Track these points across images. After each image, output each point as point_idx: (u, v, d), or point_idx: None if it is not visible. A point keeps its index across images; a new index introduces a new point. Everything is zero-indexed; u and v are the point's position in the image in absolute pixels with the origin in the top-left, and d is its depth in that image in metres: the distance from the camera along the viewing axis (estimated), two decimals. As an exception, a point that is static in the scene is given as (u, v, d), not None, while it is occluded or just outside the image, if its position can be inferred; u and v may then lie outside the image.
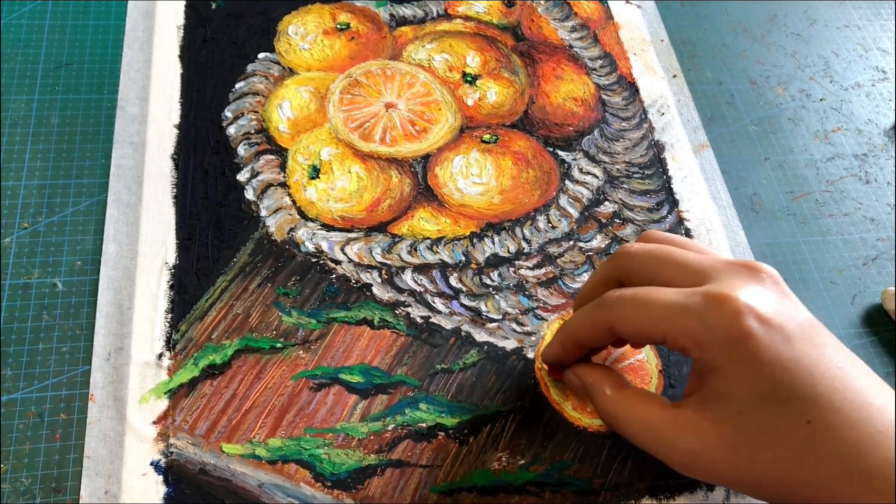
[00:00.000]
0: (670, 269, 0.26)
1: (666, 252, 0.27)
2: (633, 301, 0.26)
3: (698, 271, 0.25)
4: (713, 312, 0.23)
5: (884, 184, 0.43)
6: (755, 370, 0.23)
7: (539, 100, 0.43)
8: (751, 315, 0.23)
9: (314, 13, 0.44)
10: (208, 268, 0.35)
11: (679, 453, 0.25)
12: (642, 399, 0.27)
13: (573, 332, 0.29)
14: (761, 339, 0.23)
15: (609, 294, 0.27)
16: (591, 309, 0.28)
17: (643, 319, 0.25)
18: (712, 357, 0.23)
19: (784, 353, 0.23)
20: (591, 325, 0.27)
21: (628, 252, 0.28)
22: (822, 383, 0.22)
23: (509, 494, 0.30)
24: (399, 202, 0.38)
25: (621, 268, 0.28)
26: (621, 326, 0.26)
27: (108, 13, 0.43)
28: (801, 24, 0.50)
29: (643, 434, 0.26)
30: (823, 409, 0.22)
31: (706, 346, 0.23)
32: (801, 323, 0.24)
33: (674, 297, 0.25)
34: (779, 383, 0.22)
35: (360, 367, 0.33)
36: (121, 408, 0.31)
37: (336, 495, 0.30)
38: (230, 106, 0.40)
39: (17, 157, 0.37)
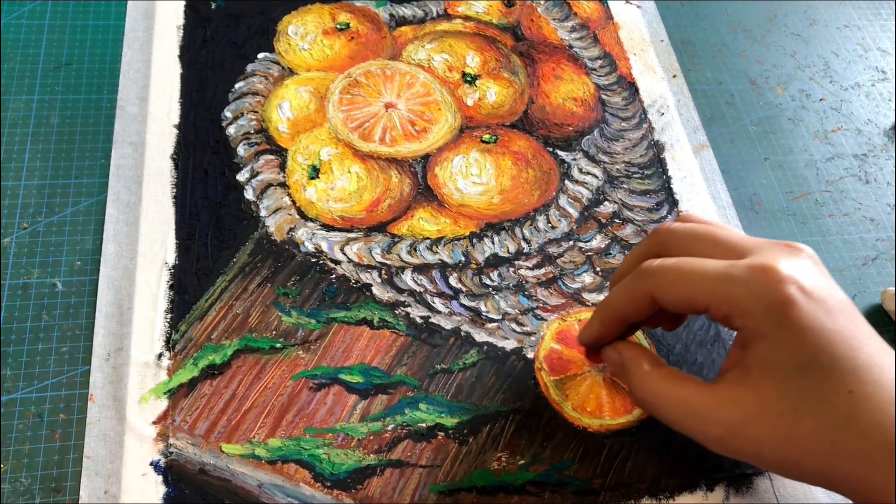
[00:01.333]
0: (710, 246, 0.27)
1: (705, 229, 0.27)
2: (676, 269, 0.26)
3: (738, 247, 0.26)
4: (758, 280, 0.24)
5: (883, 184, 0.43)
6: (799, 337, 0.23)
7: (539, 100, 0.43)
8: (794, 285, 0.23)
9: (314, 13, 0.44)
10: (208, 268, 0.35)
11: (718, 426, 0.24)
12: (680, 376, 0.27)
13: (613, 306, 0.29)
14: (805, 308, 0.23)
15: (648, 263, 0.27)
16: (630, 280, 0.28)
17: (686, 287, 0.25)
18: (756, 325, 0.24)
19: (826, 324, 0.23)
20: (632, 296, 0.27)
21: (668, 229, 0.28)
22: (861, 356, 0.23)
23: (509, 494, 0.30)
24: (399, 202, 0.38)
25: (661, 243, 0.28)
26: (663, 294, 0.26)
27: (108, 13, 0.43)
28: (801, 24, 0.50)
29: (680, 409, 0.26)
30: (863, 381, 0.22)
31: (751, 314, 0.24)
32: (840, 300, 0.24)
33: (717, 266, 0.25)
34: (822, 351, 0.23)
35: (360, 367, 0.33)
36: (120, 408, 0.31)
37: (336, 495, 0.30)
38: (230, 106, 0.40)
39: (17, 157, 0.37)
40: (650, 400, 0.27)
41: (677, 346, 0.35)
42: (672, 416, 0.26)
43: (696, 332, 0.35)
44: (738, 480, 0.32)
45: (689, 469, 0.32)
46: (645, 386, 0.27)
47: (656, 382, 0.27)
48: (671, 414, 0.26)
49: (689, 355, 0.35)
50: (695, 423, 0.25)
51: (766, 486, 0.32)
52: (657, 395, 0.27)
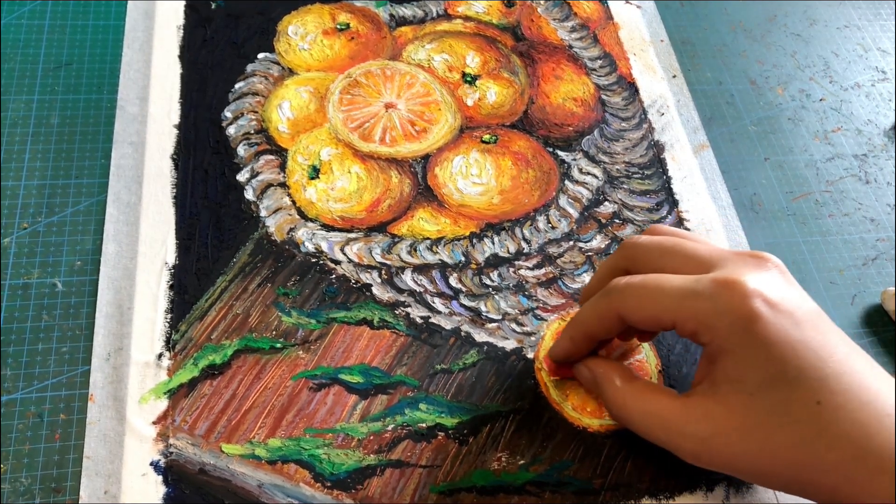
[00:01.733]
0: (677, 259, 0.27)
1: (672, 242, 0.27)
2: (642, 287, 0.26)
3: (705, 261, 0.26)
4: (722, 296, 0.24)
5: (884, 184, 0.43)
6: (765, 352, 0.23)
7: (539, 100, 0.43)
8: (759, 298, 0.23)
9: (314, 13, 0.44)
10: (208, 268, 0.35)
11: (690, 440, 0.25)
12: (651, 390, 0.27)
13: (582, 324, 0.29)
14: (770, 321, 0.23)
15: (616, 282, 0.27)
16: (598, 299, 0.28)
17: (652, 305, 0.25)
18: (722, 340, 0.24)
19: (793, 336, 0.23)
20: (600, 314, 0.27)
21: (635, 243, 0.28)
22: (829, 366, 0.23)
23: (509, 494, 0.30)
24: (399, 202, 0.38)
25: (628, 258, 0.28)
26: (630, 313, 0.26)
27: (108, 13, 0.43)
28: (801, 24, 0.50)
29: (653, 424, 0.26)
30: (832, 391, 0.22)
31: (716, 330, 0.24)
32: (808, 311, 0.24)
33: (682, 282, 0.25)
34: (788, 364, 0.23)
35: (360, 368, 0.33)
36: (120, 408, 0.31)
37: (336, 495, 0.30)
38: (230, 106, 0.40)
39: (17, 157, 0.37)
40: (623, 415, 0.28)
41: (677, 345, 0.35)
42: (646, 430, 0.27)
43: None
44: (738, 480, 0.32)
45: (689, 469, 0.32)
46: (617, 401, 0.28)
47: (629, 397, 0.27)
48: (645, 428, 0.27)
49: (689, 355, 0.35)
50: (668, 437, 0.26)
51: (766, 486, 0.32)
52: (630, 410, 0.27)
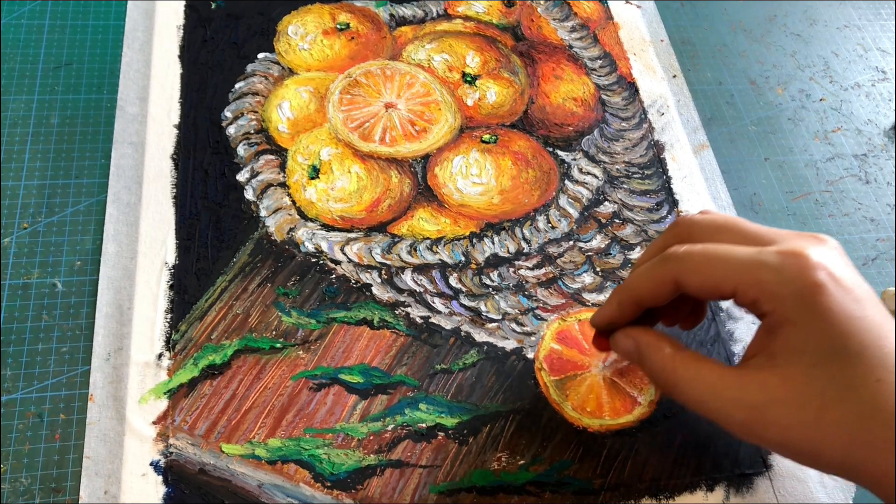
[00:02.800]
0: (734, 236, 0.26)
1: (728, 220, 0.27)
2: (704, 254, 0.26)
3: (764, 237, 0.26)
4: (789, 265, 0.24)
5: (884, 184, 0.43)
6: (828, 324, 0.23)
7: (539, 100, 0.43)
8: (824, 271, 0.23)
9: (314, 13, 0.44)
10: (208, 268, 0.35)
11: (742, 408, 0.24)
12: (703, 358, 0.26)
13: (633, 289, 0.28)
14: (835, 295, 0.23)
15: (675, 248, 0.26)
16: (655, 264, 0.27)
17: (714, 271, 0.25)
18: (786, 310, 0.24)
19: (855, 312, 0.23)
20: (655, 279, 0.27)
21: (691, 220, 0.28)
22: (889, 344, 0.23)
23: (509, 494, 0.30)
24: (399, 202, 0.38)
25: (682, 234, 0.28)
26: (689, 279, 0.26)
27: (108, 13, 0.43)
28: (801, 24, 0.50)
29: (704, 391, 0.25)
30: (891, 370, 0.22)
31: (780, 299, 0.24)
32: (868, 290, 0.24)
33: (747, 251, 0.25)
34: (850, 339, 0.23)
35: (360, 368, 0.33)
36: (120, 408, 0.31)
37: (336, 495, 0.30)
38: (230, 106, 0.40)
39: (17, 157, 0.37)
40: (672, 381, 0.27)
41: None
42: (695, 398, 0.26)
43: (695, 332, 0.35)
44: (738, 480, 0.32)
45: (689, 469, 0.32)
46: (668, 368, 0.27)
47: (679, 365, 0.26)
48: (695, 396, 0.26)
49: (689, 355, 0.35)
50: (719, 406, 0.25)
51: (766, 487, 0.32)
52: (680, 378, 0.26)
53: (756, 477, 0.32)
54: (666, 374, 0.27)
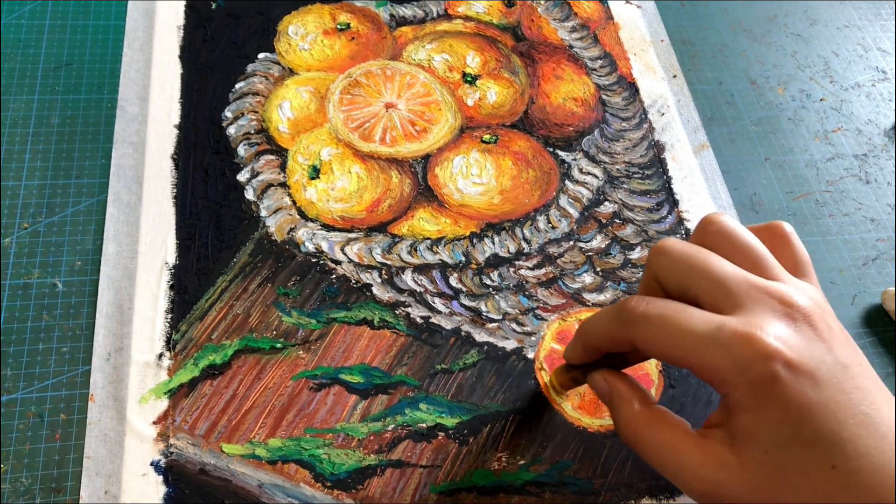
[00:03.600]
0: (703, 283, 0.25)
1: (701, 260, 0.26)
2: (660, 323, 0.25)
3: (731, 293, 0.25)
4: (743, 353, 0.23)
5: (884, 184, 0.43)
6: (782, 413, 0.23)
7: (539, 100, 0.43)
8: (779, 360, 0.23)
9: (314, 13, 0.44)
10: (208, 268, 0.35)
11: (702, 482, 0.24)
12: (669, 421, 0.26)
13: (593, 338, 0.28)
14: (789, 384, 0.23)
15: (633, 307, 0.26)
16: (611, 318, 0.27)
17: (669, 346, 0.24)
18: (740, 396, 0.23)
19: (811, 399, 0.23)
20: (612, 336, 0.27)
21: (664, 249, 0.27)
22: (847, 429, 0.22)
23: (509, 494, 0.30)
24: (399, 202, 0.38)
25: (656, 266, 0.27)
26: (645, 347, 0.25)
27: (108, 13, 0.43)
28: (801, 24, 0.50)
29: (665, 456, 0.26)
30: (848, 456, 0.22)
31: (734, 385, 0.23)
32: (831, 367, 0.23)
33: (702, 327, 0.24)
34: (804, 427, 0.23)
35: (360, 368, 0.33)
36: (121, 408, 0.31)
37: (336, 495, 0.30)
38: (230, 106, 0.40)
39: (17, 157, 0.37)
40: (634, 439, 0.27)
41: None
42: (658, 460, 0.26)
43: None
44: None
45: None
46: (630, 424, 0.27)
47: (645, 424, 0.26)
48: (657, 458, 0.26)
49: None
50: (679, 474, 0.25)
51: (767, 487, 0.32)
52: (644, 437, 0.26)
53: (756, 477, 0.32)
54: (629, 430, 0.27)
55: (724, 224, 0.27)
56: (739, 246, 0.27)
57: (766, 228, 0.28)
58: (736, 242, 0.27)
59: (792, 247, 0.28)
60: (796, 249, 0.28)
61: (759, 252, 0.26)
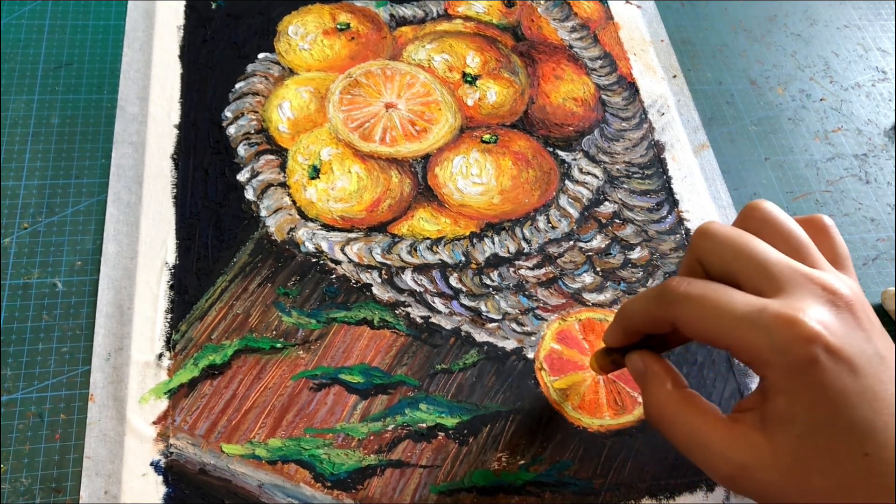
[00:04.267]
0: (747, 266, 0.25)
1: (746, 243, 0.26)
2: (700, 303, 0.25)
3: (775, 278, 0.25)
4: (782, 335, 0.23)
5: (884, 184, 0.43)
6: (819, 397, 0.23)
7: (539, 100, 0.43)
8: (820, 344, 0.23)
9: (314, 13, 0.44)
10: (208, 268, 0.35)
11: (729, 464, 0.24)
12: (700, 404, 0.26)
13: (635, 321, 0.28)
14: (827, 369, 0.23)
15: (675, 287, 0.25)
16: (653, 300, 0.26)
17: (709, 325, 0.24)
18: (778, 379, 0.23)
19: (848, 385, 0.23)
20: (653, 317, 0.26)
21: (708, 232, 0.27)
22: (881, 418, 0.22)
23: (509, 494, 0.30)
24: (399, 202, 0.38)
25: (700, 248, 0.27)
26: (684, 326, 0.25)
27: (108, 13, 0.43)
28: (801, 24, 0.50)
29: (693, 438, 0.25)
30: (881, 444, 0.22)
31: (772, 367, 0.23)
32: (870, 357, 0.23)
33: (744, 307, 0.24)
34: (840, 413, 0.22)
35: (360, 368, 0.33)
36: (121, 408, 0.31)
37: (336, 495, 0.30)
38: (230, 106, 0.40)
39: (17, 157, 0.37)
40: (663, 418, 0.27)
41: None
42: (683, 442, 0.26)
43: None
44: (739, 480, 0.32)
45: (689, 469, 0.32)
46: (663, 405, 0.26)
47: (675, 405, 0.26)
48: (683, 440, 0.26)
49: (689, 355, 0.35)
50: (706, 456, 0.25)
51: (767, 487, 0.32)
52: (673, 419, 0.26)
53: (756, 477, 0.32)
54: (658, 408, 0.27)
55: (769, 210, 0.27)
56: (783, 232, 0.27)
57: (807, 220, 0.28)
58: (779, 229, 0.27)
59: (832, 239, 0.28)
60: (837, 242, 0.28)
61: (802, 240, 0.26)
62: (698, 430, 0.25)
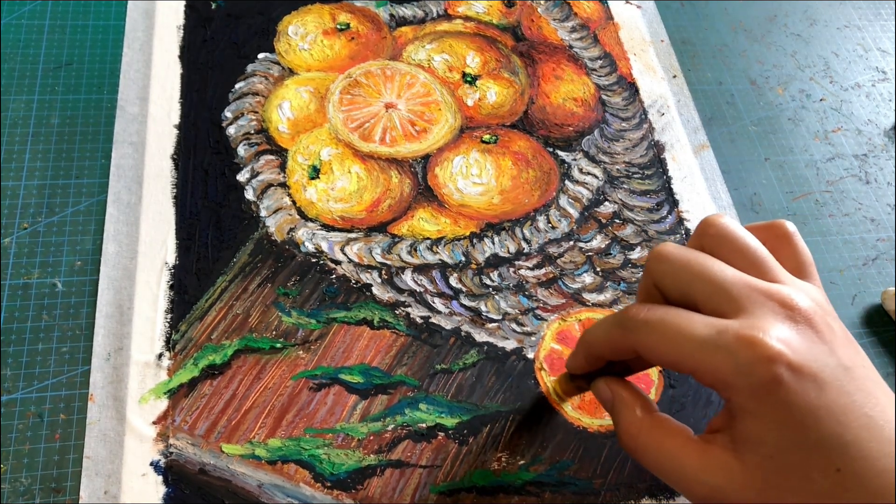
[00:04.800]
0: (703, 288, 0.25)
1: (701, 265, 0.26)
2: (661, 329, 0.25)
3: (733, 298, 0.24)
4: (745, 356, 0.23)
5: (884, 184, 0.43)
6: (785, 416, 0.23)
7: (539, 100, 0.43)
8: (782, 363, 0.22)
9: (314, 13, 0.44)
10: (208, 268, 0.35)
11: (704, 487, 0.24)
12: (671, 428, 0.26)
13: (596, 348, 0.28)
14: (792, 387, 0.22)
15: (634, 314, 0.26)
16: (613, 326, 0.26)
17: (670, 350, 0.24)
18: (743, 400, 0.23)
19: (815, 402, 0.22)
20: (614, 344, 0.26)
21: (662, 255, 0.27)
22: (850, 431, 0.22)
23: (509, 495, 0.30)
24: (399, 202, 0.38)
25: (655, 272, 0.27)
26: (647, 353, 0.25)
27: (108, 13, 0.43)
28: (801, 24, 0.50)
29: (666, 462, 0.25)
30: (852, 458, 0.22)
31: (737, 390, 0.23)
32: (834, 369, 0.23)
33: (703, 331, 0.24)
34: (808, 430, 0.22)
35: (360, 368, 0.33)
36: (121, 408, 0.31)
37: (336, 495, 0.30)
38: (230, 106, 0.40)
39: (17, 157, 0.37)
40: (635, 446, 0.27)
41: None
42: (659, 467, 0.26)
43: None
44: (739, 480, 0.32)
45: (689, 469, 0.32)
46: (632, 431, 0.27)
47: (647, 432, 0.26)
48: (657, 466, 0.26)
49: (689, 355, 0.35)
50: (681, 480, 0.25)
51: (767, 487, 0.32)
52: (645, 446, 0.26)
53: (756, 477, 0.32)
54: (630, 437, 0.27)
55: (724, 226, 0.27)
56: (739, 248, 0.26)
57: (767, 227, 0.28)
58: (735, 244, 0.26)
59: (794, 246, 0.27)
60: (798, 249, 0.27)
61: (758, 254, 0.26)
62: (671, 454, 0.25)
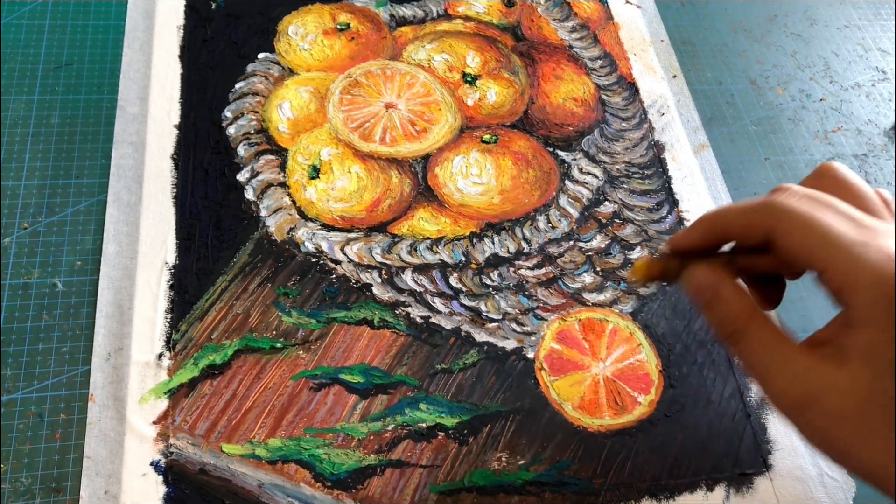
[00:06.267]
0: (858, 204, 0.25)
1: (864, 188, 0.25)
2: (806, 217, 0.24)
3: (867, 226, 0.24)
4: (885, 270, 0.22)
5: (884, 184, 0.43)
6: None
7: (539, 100, 0.43)
8: None
9: (314, 13, 0.44)
10: (208, 268, 0.35)
11: (800, 389, 0.23)
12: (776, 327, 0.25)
13: (726, 223, 0.26)
14: None
15: (783, 196, 0.25)
16: (754, 206, 0.25)
17: (809, 241, 0.23)
18: (868, 313, 0.23)
19: None
20: (750, 223, 0.25)
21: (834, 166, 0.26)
22: None
23: (509, 494, 0.30)
24: (399, 202, 0.38)
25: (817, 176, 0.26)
26: (782, 239, 0.24)
27: (108, 13, 0.43)
28: (801, 24, 0.50)
29: (766, 359, 0.24)
30: None
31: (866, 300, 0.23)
32: None
33: (851, 235, 0.23)
34: None
35: (360, 367, 0.33)
36: (121, 408, 0.31)
37: (336, 495, 0.30)
38: (230, 106, 0.40)
39: (17, 157, 0.37)
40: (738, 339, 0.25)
41: (677, 345, 0.35)
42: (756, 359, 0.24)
43: (696, 332, 0.35)
44: (739, 480, 0.32)
45: (689, 469, 0.32)
46: (738, 323, 0.25)
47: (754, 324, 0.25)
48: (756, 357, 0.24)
49: (689, 355, 0.35)
50: (776, 376, 0.24)
51: (767, 486, 0.32)
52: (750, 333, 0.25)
53: (756, 477, 0.32)
54: (734, 326, 0.25)
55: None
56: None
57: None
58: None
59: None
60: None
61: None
62: (773, 349, 0.24)
